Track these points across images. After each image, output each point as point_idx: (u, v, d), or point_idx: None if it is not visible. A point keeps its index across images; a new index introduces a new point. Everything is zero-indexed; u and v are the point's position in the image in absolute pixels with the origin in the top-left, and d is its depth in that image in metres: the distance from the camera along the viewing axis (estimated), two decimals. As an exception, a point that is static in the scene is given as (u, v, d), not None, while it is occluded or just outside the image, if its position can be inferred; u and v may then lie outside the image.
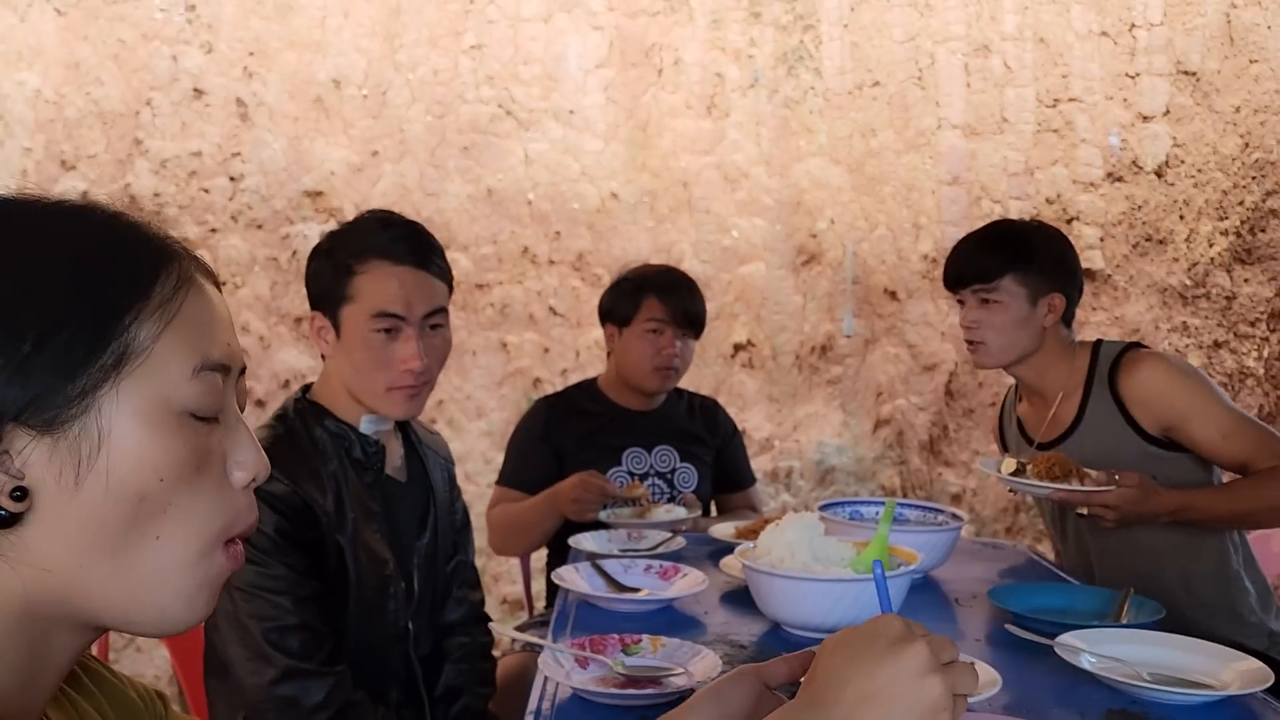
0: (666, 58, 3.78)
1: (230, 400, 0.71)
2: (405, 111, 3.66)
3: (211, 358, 0.68)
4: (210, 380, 0.68)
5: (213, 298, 0.71)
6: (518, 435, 2.65)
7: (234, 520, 0.69)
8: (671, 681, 1.36)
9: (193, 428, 0.67)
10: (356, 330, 1.70)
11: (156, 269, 0.68)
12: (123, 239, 0.68)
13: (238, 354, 0.72)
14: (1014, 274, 2.10)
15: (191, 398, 0.67)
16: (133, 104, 3.51)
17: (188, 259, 0.71)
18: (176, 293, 0.68)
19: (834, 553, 1.63)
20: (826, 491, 3.78)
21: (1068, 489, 1.93)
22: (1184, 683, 1.38)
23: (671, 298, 2.54)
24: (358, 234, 1.75)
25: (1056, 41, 3.77)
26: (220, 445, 0.69)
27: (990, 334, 2.13)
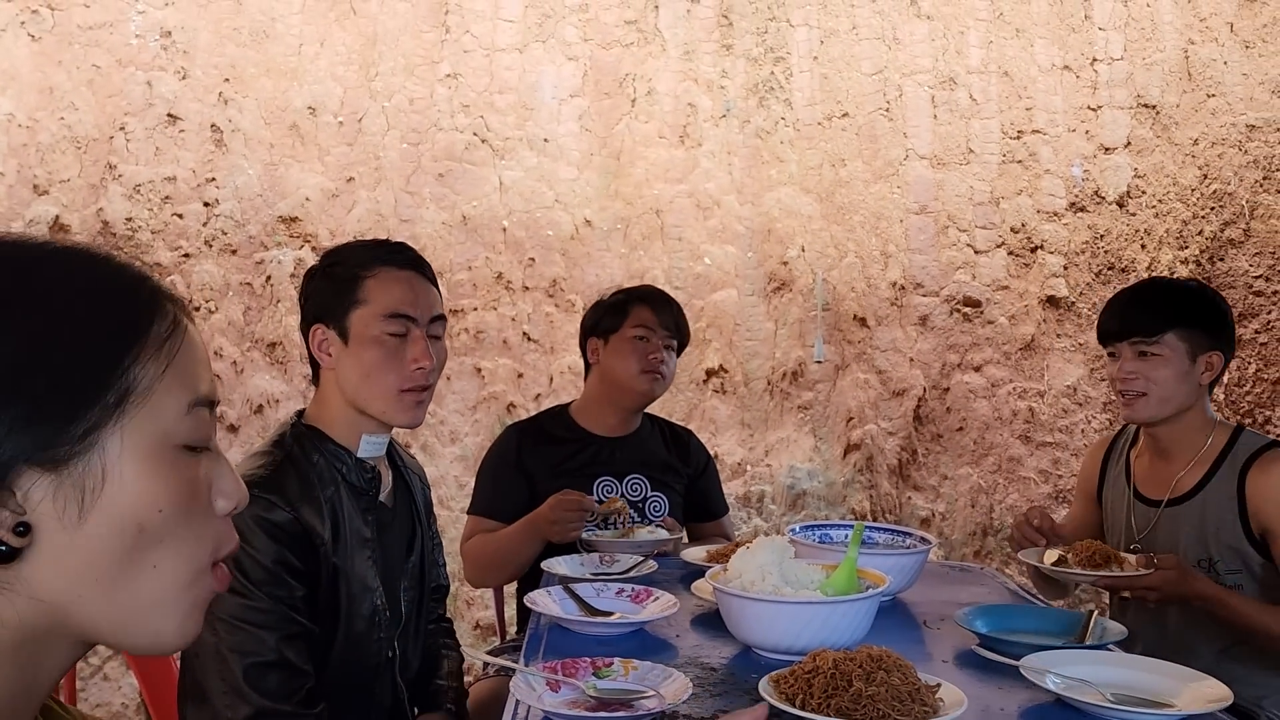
0: (640, 88, 3.83)
1: (214, 432, 0.75)
2: (381, 139, 3.68)
3: (201, 393, 0.72)
4: (201, 415, 0.72)
5: (196, 336, 0.75)
6: (489, 462, 2.62)
7: (220, 545, 0.73)
8: (643, 704, 1.37)
9: (186, 461, 0.71)
10: (368, 331, 1.73)
11: (152, 311, 0.72)
12: (118, 282, 0.72)
13: (216, 388, 0.77)
14: (1177, 329, 2.10)
15: (187, 432, 0.71)
16: (107, 129, 3.51)
17: (174, 300, 0.75)
18: (172, 333, 0.72)
19: (804, 576, 1.65)
20: (798, 515, 3.82)
21: (1112, 576, 1.97)
22: (1146, 703, 1.40)
23: (659, 306, 2.57)
24: (358, 249, 1.80)
25: (1020, 75, 3.86)
26: (208, 475, 0.73)
27: (1151, 386, 2.12)
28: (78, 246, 0.73)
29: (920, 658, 1.65)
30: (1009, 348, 3.86)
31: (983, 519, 3.85)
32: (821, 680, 1.34)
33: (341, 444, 1.74)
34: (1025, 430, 3.85)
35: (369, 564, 1.73)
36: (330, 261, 1.79)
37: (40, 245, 0.71)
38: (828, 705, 1.31)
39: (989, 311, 3.86)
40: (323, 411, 1.77)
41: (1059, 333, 3.84)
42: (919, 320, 3.87)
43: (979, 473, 3.86)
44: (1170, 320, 2.10)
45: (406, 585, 1.83)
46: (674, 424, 2.82)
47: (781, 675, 1.40)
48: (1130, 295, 2.21)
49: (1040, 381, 3.86)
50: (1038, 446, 3.84)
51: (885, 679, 1.33)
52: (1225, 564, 2.08)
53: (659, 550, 2.34)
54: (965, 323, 3.87)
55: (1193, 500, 2.15)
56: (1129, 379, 2.14)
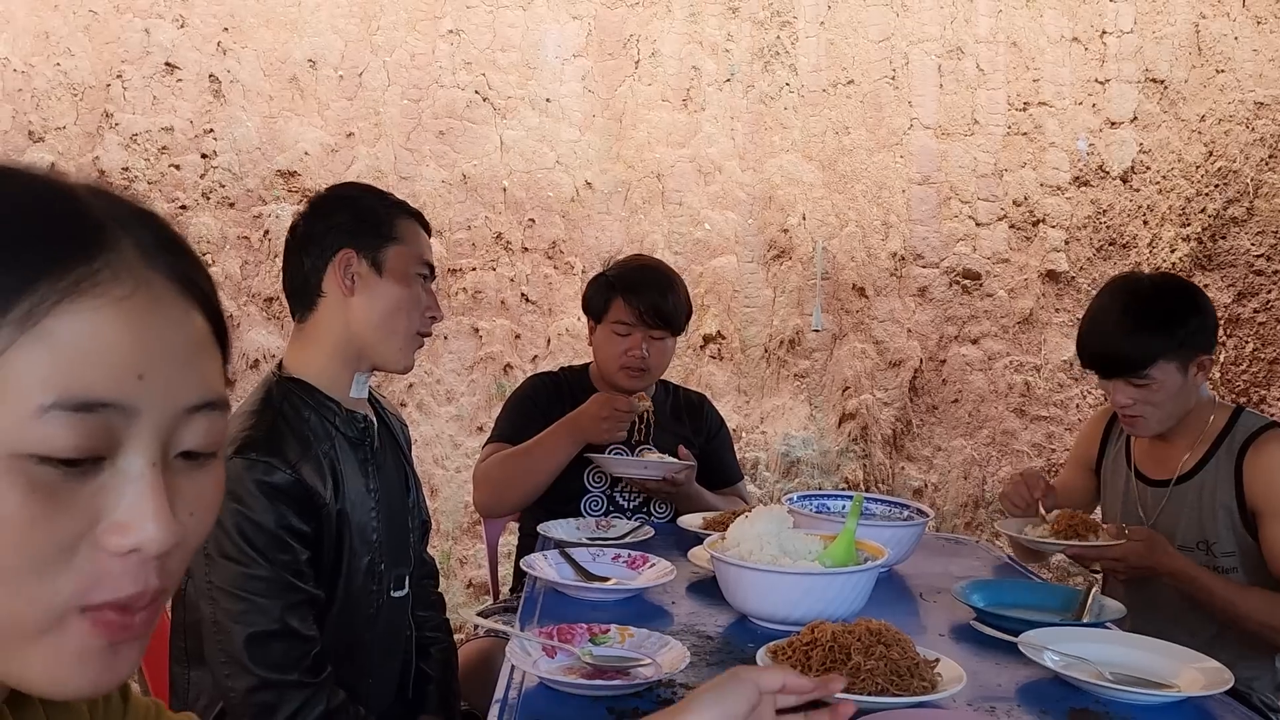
0: (644, 49, 3.79)
1: (136, 445, 0.55)
2: (381, 94, 3.64)
3: (83, 394, 0.53)
4: (73, 422, 0.52)
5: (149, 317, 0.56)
6: (515, 399, 2.59)
7: (88, 588, 0.54)
8: (639, 672, 1.37)
9: (32, 476, 0.52)
10: (407, 269, 1.75)
11: (39, 267, 0.53)
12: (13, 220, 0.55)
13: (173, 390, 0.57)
14: (1163, 359, 2.05)
15: (34, 441, 0.52)
16: (103, 76, 3.46)
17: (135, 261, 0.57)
18: (61, 302, 0.53)
19: (802, 546, 1.65)
20: (791, 483, 3.83)
21: (1080, 545, 1.97)
22: (1146, 683, 1.40)
23: (639, 298, 2.46)
24: (379, 191, 1.84)
25: (1029, 46, 3.82)
26: (94, 501, 0.54)
27: (1149, 410, 2.09)
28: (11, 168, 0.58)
29: (917, 631, 1.66)
30: (1007, 321, 3.85)
31: (975, 491, 3.86)
32: (820, 652, 1.34)
33: (329, 394, 1.72)
34: (1020, 404, 3.85)
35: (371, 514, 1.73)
36: (351, 196, 1.80)
37: None
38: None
39: (988, 284, 3.85)
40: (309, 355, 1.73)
41: (1058, 307, 3.83)
42: (918, 291, 3.86)
43: (973, 445, 3.87)
44: (1155, 355, 2.04)
45: (412, 525, 1.87)
46: (687, 389, 2.79)
47: (779, 646, 1.41)
48: (1106, 336, 2.10)
49: (1037, 355, 3.86)
50: (1032, 420, 3.85)
51: (884, 653, 1.33)
52: (1221, 546, 2.09)
53: (668, 475, 2.33)
54: (964, 295, 3.86)
55: (1191, 481, 2.14)
56: (1126, 406, 2.11)
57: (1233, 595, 1.99)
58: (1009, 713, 1.35)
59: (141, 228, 0.59)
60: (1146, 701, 1.38)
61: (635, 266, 2.57)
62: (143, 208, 0.61)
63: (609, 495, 2.50)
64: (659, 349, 2.51)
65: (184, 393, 0.57)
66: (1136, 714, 1.36)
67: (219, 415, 0.60)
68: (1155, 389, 2.07)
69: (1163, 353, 2.04)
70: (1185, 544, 2.09)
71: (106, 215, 0.57)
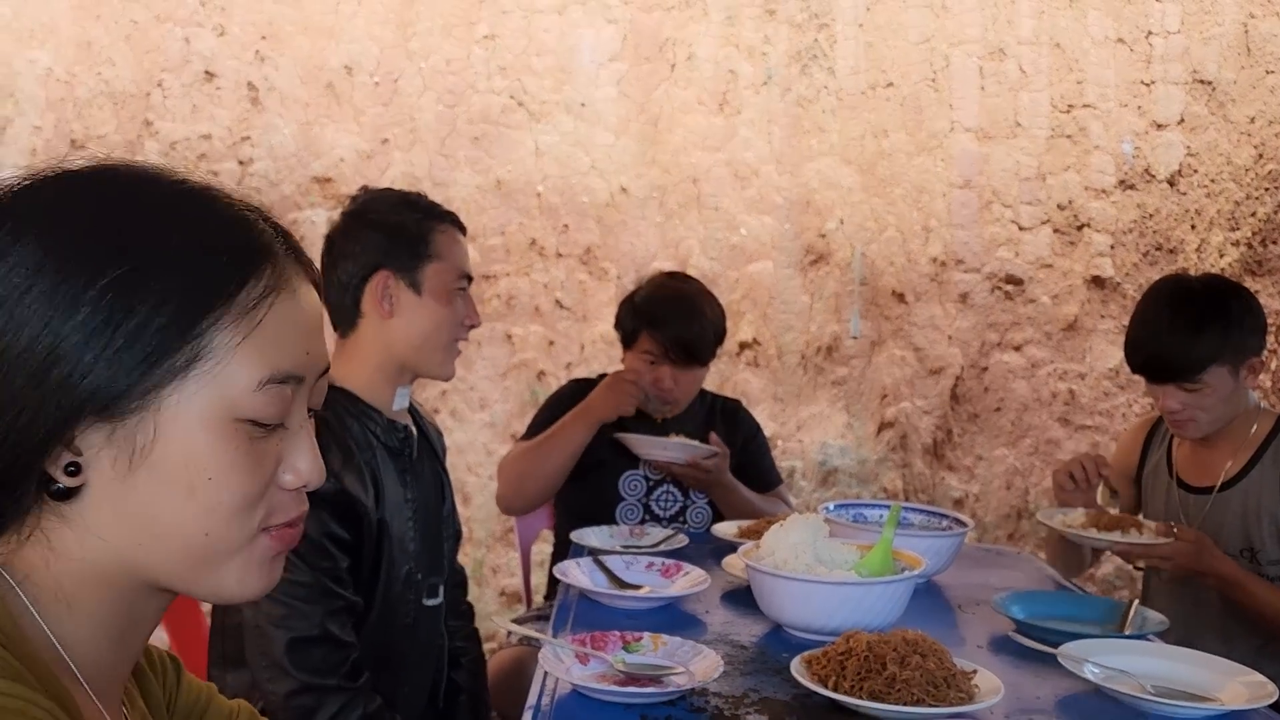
0: (680, 53, 3.77)
1: (299, 407, 0.72)
2: (416, 100, 3.64)
3: (282, 369, 0.69)
4: (276, 392, 0.69)
5: (302, 303, 0.72)
6: (551, 402, 2.60)
7: (271, 514, 0.71)
8: (672, 680, 1.35)
9: (249, 434, 0.68)
10: (444, 287, 1.76)
11: (245, 273, 0.69)
12: (217, 236, 0.69)
13: (318, 360, 0.73)
14: (1216, 363, 2.01)
15: (255, 409, 0.68)
16: (144, 85, 3.50)
17: (285, 257, 0.72)
18: (262, 301, 0.69)
19: (838, 555, 1.62)
20: (828, 493, 3.78)
21: (1127, 542, 1.94)
22: (1188, 696, 1.37)
23: (666, 332, 2.41)
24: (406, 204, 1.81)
25: (1072, 47, 3.75)
26: (278, 449, 0.71)
27: (1200, 414, 2.06)
28: (194, 185, 0.71)
29: (954, 642, 1.62)
30: (1050, 328, 3.78)
31: (1018, 502, 3.78)
32: (855, 662, 1.31)
33: (371, 404, 1.73)
34: (1065, 413, 3.78)
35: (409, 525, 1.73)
36: (384, 211, 1.77)
37: (156, 177, 0.71)
38: (860, 688, 1.28)
39: (1031, 290, 3.78)
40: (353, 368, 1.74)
41: (1103, 314, 3.75)
42: (959, 297, 3.80)
43: (1015, 454, 3.80)
44: (1208, 359, 2.00)
45: (446, 534, 1.87)
46: (722, 396, 2.76)
47: (814, 656, 1.38)
48: (1158, 340, 2.05)
49: (1082, 363, 3.78)
50: (1077, 429, 3.77)
51: (920, 663, 1.30)
52: (1267, 554, 2.04)
53: (693, 459, 2.30)
54: (1006, 301, 3.79)
55: (1235, 488, 2.10)
56: (1176, 411, 2.06)
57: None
58: (1050, 726, 1.32)
59: (276, 231, 0.73)
60: (1189, 715, 1.34)
61: (663, 296, 2.49)
62: (268, 212, 0.74)
63: (644, 504, 2.47)
64: (688, 379, 2.47)
65: (323, 361, 0.74)
66: (1180, 728, 1.31)
67: (328, 379, 0.76)
68: (1207, 393, 2.02)
69: (1216, 357, 2.00)
70: (1229, 551, 2.04)
71: (263, 229, 0.71)
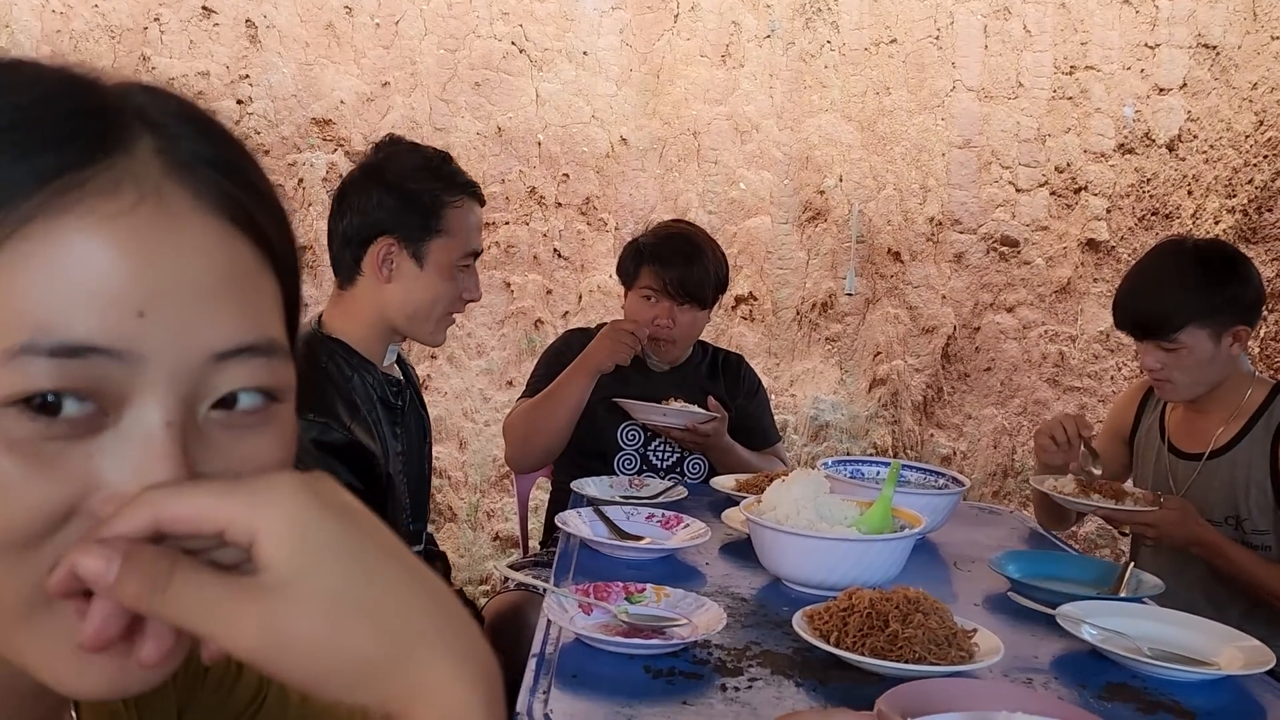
0: (683, 3, 3.73)
1: (141, 402, 0.45)
2: (418, 43, 3.60)
3: (57, 334, 0.42)
4: (47, 369, 0.42)
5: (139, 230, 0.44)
6: (548, 356, 2.59)
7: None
8: (675, 632, 1.38)
9: (10, 435, 0.43)
10: (447, 264, 1.75)
11: (25, 179, 0.43)
12: (24, 114, 0.45)
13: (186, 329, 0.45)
14: (1194, 323, 2.01)
15: (4, 392, 0.42)
16: (141, 19, 3.44)
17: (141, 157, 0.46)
18: (41, 213, 0.43)
19: (839, 511, 1.65)
20: (819, 447, 3.81)
21: (1111, 507, 1.97)
22: (1186, 660, 1.39)
23: (667, 268, 2.42)
24: (429, 171, 1.77)
25: (1078, 7, 3.73)
26: (85, 464, 0.44)
27: (1178, 374, 2.06)
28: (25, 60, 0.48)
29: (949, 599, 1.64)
30: (1044, 289, 3.80)
31: (1004, 460, 3.83)
32: (857, 619, 1.34)
33: (367, 358, 1.74)
34: (1054, 374, 3.81)
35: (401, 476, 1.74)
36: (402, 174, 1.75)
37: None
38: (862, 644, 1.31)
39: (1026, 252, 3.80)
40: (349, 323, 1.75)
41: (1096, 277, 3.78)
42: (954, 257, 3.81)
43: (1004, 414, 3.84)
44: (1185, 318, 2.01)
45: (426, 478, 1.89)
46: (724, 351, 2.77)
47: (815, 611, 1.40)
48: (1139, 296, 2.08)
49: (1073, 326, 3.81)
50: (1065, 391, 3.81)
51: (922, 621, 1.33)
52: (1253, 523, 2.07)
53: (691, 425, 2.32)
54: (1001, 262, 3.81)
55: (1224, 456, 2.12)
56: (1155, 370, 2.09)
57: (1264, 571, 1.97)
58: (1046, 684, 1.35)
59: (177, 128, 0.47)
60: (1186, 678, 1.37)
61: (667, 235, 2.52)
62: (192, 106, 0.50)
63: (642, 454, 2.49)
64: (687, 320, 2.47)
65: (208, 335, 0.46)
66: (1175, 690, 1.35)
67: (267, 361, 0.48)
68: (1184, 355, 2.03)
69: (1193, 317, 2.00)
70: (1214, 518, 2.07)
71: (130, 113, 0.47)
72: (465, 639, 0.45)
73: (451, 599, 0.46)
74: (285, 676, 0.42)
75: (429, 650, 0.43)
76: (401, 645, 0.42)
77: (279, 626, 0.41)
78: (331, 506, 0.44)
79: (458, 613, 0.45)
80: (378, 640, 0.42)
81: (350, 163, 3.56)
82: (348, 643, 0.42)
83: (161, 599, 0.41)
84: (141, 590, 0.41)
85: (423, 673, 0.43)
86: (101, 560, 0.41)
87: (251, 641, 0.41)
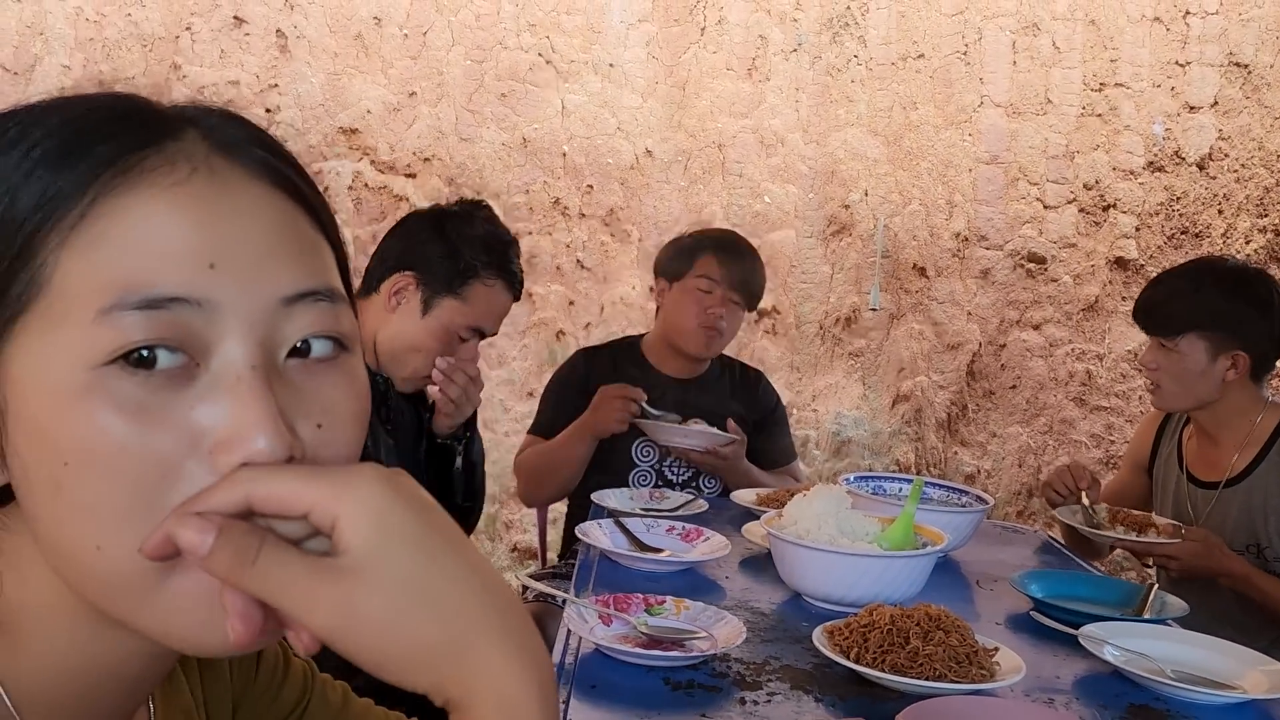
0: (710, 16, 3.73)
1: (225, 348, 0.48)
2: (445, 54, 3.62)
3: (138, 288, 0.46)
4: (135, 321, 0.46)
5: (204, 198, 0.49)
6: (554, 385, 2.59)
7: None
8: (695, 645, 1.37)
9: (115, 393, 0.46)
10: (448, 325, 1.77)
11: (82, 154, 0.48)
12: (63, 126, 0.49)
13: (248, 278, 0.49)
14: (1196, 331, 2.04)
15: (102, 350, 0.46)
16: (173, 28, 3.48)
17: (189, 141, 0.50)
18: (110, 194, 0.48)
19: (860, 527, 1.63)
20: (841, 463, 3.79)
21: (1133, 540, 1.97)
22: (1209, 682, 1.37)
23: (730, 259, 2.44)
24: (490, 236, 1.80)
25: (1108, 24, 3.71)
26: (190, 413, 0.47)
27: (1166, 380, 2.09)
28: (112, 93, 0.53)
29: (972, 618, 1.62)
30: (1071, 308, 3.77)
31: (1029, 479, 3.80)
32: (878, 635, 1.32)
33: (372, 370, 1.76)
34: (1080, 393, 3.78)
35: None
36: (460, 231, 1.78)
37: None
38: (883, 661, 1.29)
39: (1053, 269, 3.77)
40: None
41: (1124, 295, 3.74)
42: (980, 274, 3.79)
43: (1029, 433, 3.81)
44: (1188, 324, 2.04)
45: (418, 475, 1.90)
46: (744, 365, 2.75)
47: (836, 626, 1.39)
48: (1155, 288, 2.15)
49: (1100, 344, 3.77)
50: (1092, 410, 3.77)
51: (943, 639, 1.31)
52: (1274, 550, 2.05)
53: (710, 448, 2.31)
54: (1028, 279, 3.78)
55: (1241, 484, 2.11)
56: (1149, 369, 2.13)
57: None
58: (1067, 705, 1.33)
59: (219, 123, 0.53)
60: (1209, 701, 1.34)
61: (723, 232, 2.61)
62: (230, 110, 0.55)
63: (657, 470, 2.48)
64: (734, 317, 2.49)
65: (274, 282, 0.50)
66: (1198, 713, 1.33)
67: (331, 306, 0.52)
68: (1175, 360, 2.06)
69: (1197, 325, 2.03)
70: (1235, 547, 2.05)
71: (175, 112, 0.52)
72: (522, 633, 0.48)
73: (511, 595, 0.49)
74: (354, 656, 0.45)
75: (487, 641, 0.46)
76: (462, 634, 0.45)
77: (352, 607, 0.44)
78: (408, 499, 0.47)
79: (516, 608, 0.48)
80: (440, 627, 0.45)
81: (377, 172, 3.59)
82: (412, 628, 0.45)
83: (250, 573, 0.44)
84: (233, 563, 0.44)
85: (481, 661, 0.46)
86: (198, 533, 0.44)
87: (326, 619, 0.44)
